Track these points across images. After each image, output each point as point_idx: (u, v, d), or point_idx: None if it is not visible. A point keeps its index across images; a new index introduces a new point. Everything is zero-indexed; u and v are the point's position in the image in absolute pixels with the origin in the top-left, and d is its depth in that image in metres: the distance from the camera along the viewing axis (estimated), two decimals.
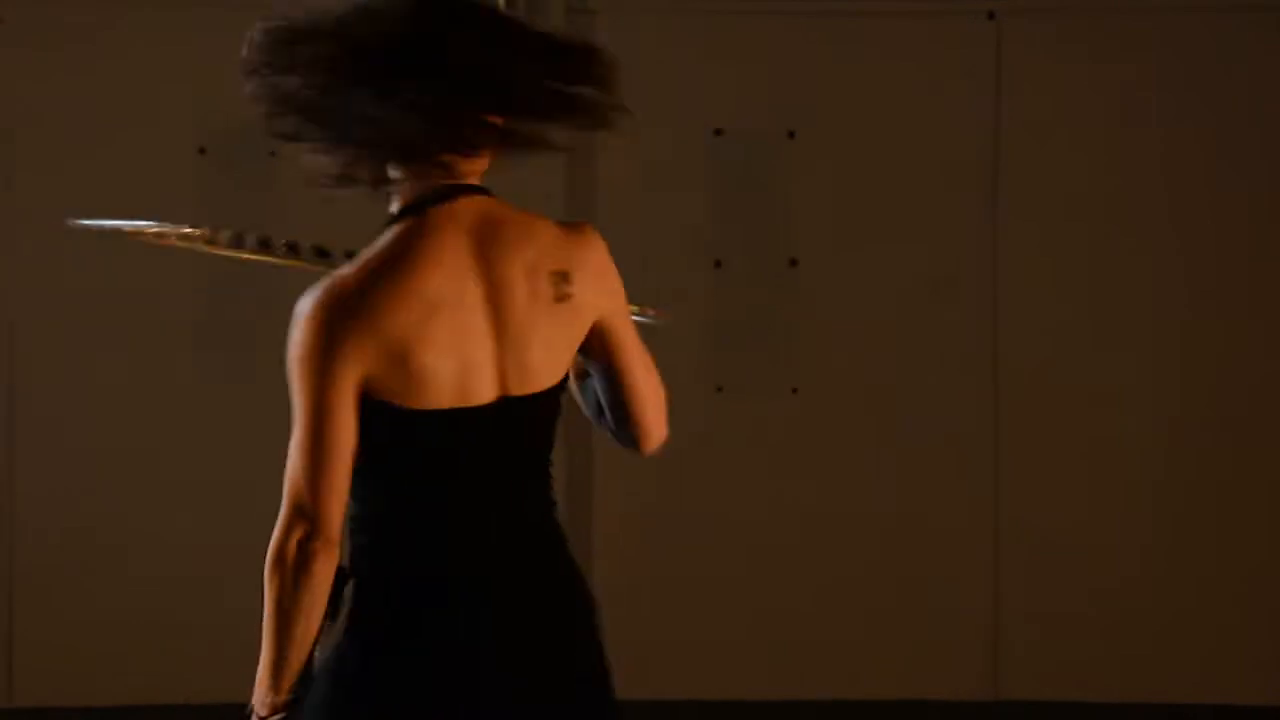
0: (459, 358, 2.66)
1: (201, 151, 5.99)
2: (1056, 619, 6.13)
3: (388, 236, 2.69)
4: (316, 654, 2.67)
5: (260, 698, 2.66)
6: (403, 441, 2.67)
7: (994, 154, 6.08)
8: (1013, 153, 6.11)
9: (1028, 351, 6.14)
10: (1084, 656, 6.12)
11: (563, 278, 2.72)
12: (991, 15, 6.10)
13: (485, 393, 2.68)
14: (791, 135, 6.10)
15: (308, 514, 2.61)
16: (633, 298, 2.82)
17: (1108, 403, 6.14)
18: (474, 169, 2.73)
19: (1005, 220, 6.11)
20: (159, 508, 6.05)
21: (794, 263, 6.13)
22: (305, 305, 2.64)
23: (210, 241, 2.90)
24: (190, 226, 2.90)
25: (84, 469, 6.02)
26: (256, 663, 2.62)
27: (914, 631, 6.14)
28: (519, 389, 2.70)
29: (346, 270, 2.66)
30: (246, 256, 2.92)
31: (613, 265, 2.80)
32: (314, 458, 2.61)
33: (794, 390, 6.14)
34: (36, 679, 6.03)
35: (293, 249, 2.90)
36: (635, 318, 2.83)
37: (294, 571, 2.61)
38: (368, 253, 2.68)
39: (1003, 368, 6.14)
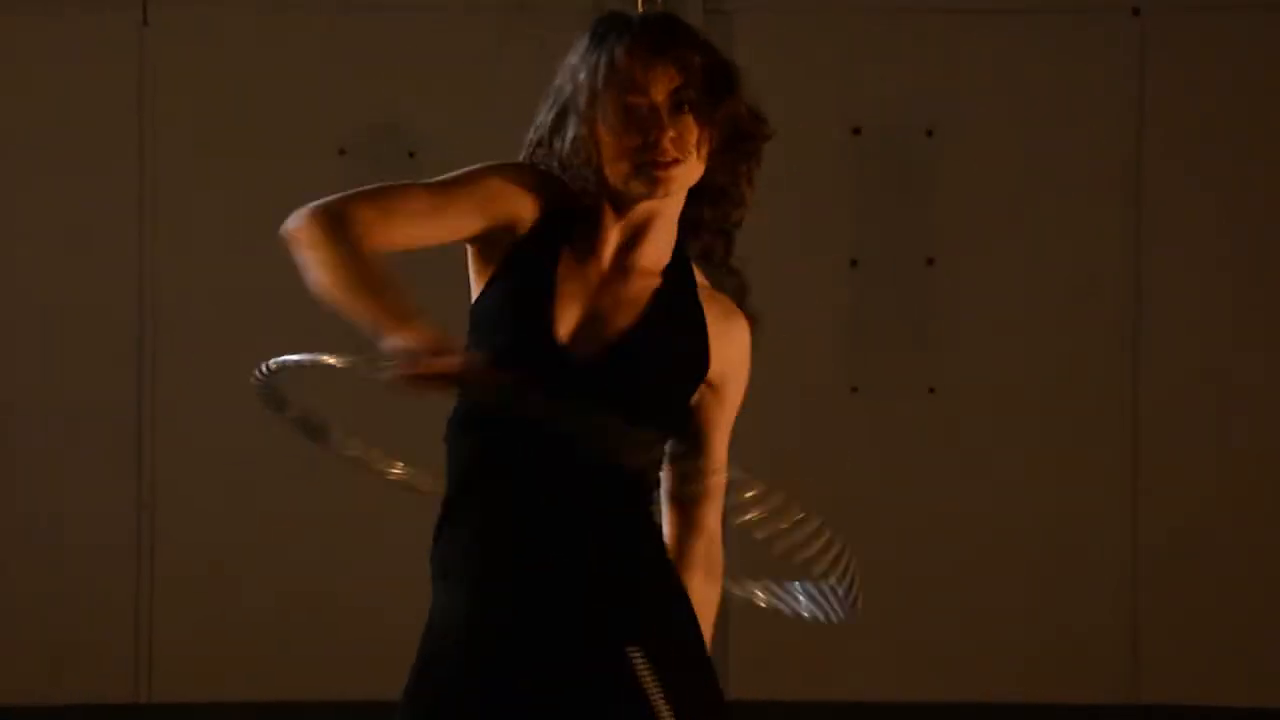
0: None
1: (342, 153, 5.96)
2: (1196, 622, 6.07)
3: None
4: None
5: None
6: None
7: (1137, 153, 6.02)
8: (1156, 152, 6.04)
9: (1169, 353, 6.07)
10: (1224, 660, 6.07)
11: None
12: (1136, 11, 6.02)
13: None
14: (930, 134, 6.04)
15: None
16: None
17: (1250, 407, 6.07)
18: None
19: (1148, 220, 6.05)
20: (293, 510, 6.00)
21: (931, 262, 6.08)
22: None
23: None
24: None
25: (221, 470, 5.98)
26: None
27: (1051, 635, 6.07)
28: None
29: None
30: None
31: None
32: None
33: (931, 390, 6.09)
34: (173, 677, 6.01)
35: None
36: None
37: None
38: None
39: (1143, 369, 6.07)
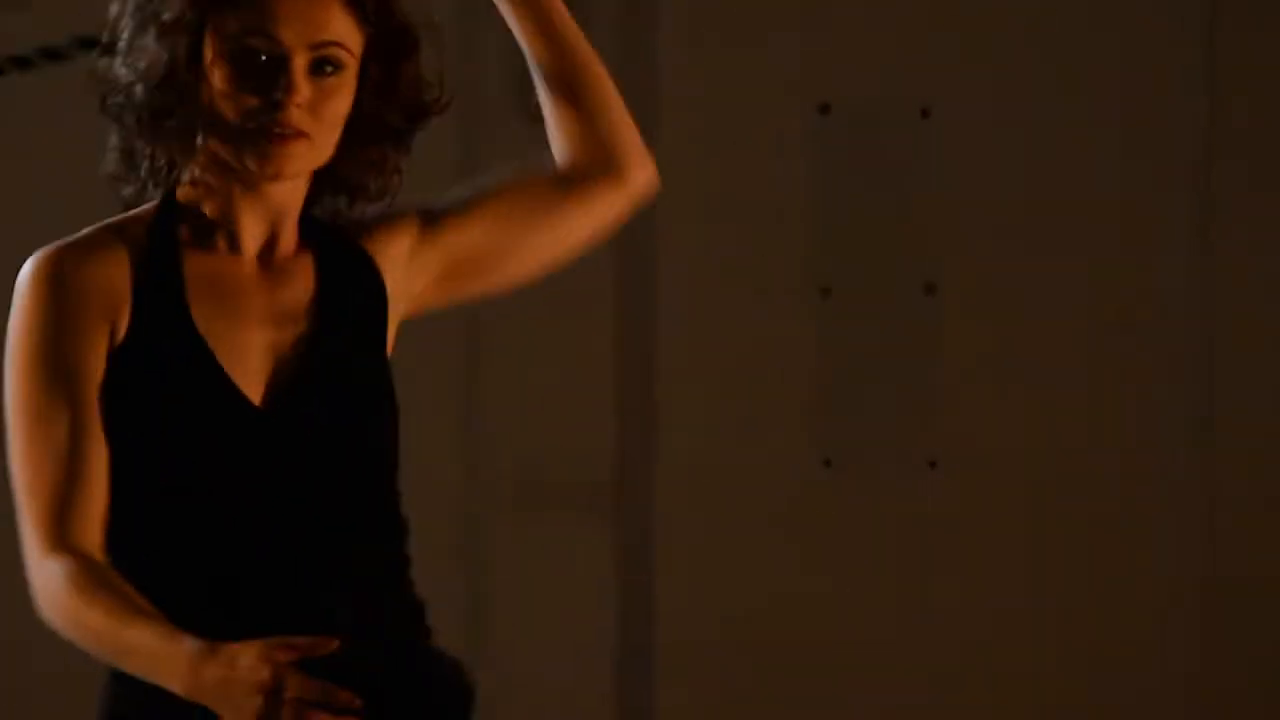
0: None
1: None
2: None
3: None
4: None
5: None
6: None
7: (1207, 139, 5.53)
8: (1231, 139, 5.53)
9: (1252, 400, 5.54)
10: None
11: None
12: None
13: None
14: (926, 114, 5.56)
15: None
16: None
17: None
18: None
19: (1221, 228, 5.55)
20: None
21: (930, 289, 5.60)
22: None
23: None
24: None
25: None
26: None
27: None
28: None
29: None
30: None
31: None
32: None
33: (932, 464, 5.59)
34: None
35: None
36: None
37: None
38: None
39: (1221, 425, 5.54)
